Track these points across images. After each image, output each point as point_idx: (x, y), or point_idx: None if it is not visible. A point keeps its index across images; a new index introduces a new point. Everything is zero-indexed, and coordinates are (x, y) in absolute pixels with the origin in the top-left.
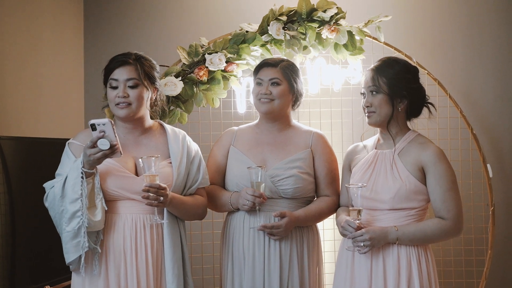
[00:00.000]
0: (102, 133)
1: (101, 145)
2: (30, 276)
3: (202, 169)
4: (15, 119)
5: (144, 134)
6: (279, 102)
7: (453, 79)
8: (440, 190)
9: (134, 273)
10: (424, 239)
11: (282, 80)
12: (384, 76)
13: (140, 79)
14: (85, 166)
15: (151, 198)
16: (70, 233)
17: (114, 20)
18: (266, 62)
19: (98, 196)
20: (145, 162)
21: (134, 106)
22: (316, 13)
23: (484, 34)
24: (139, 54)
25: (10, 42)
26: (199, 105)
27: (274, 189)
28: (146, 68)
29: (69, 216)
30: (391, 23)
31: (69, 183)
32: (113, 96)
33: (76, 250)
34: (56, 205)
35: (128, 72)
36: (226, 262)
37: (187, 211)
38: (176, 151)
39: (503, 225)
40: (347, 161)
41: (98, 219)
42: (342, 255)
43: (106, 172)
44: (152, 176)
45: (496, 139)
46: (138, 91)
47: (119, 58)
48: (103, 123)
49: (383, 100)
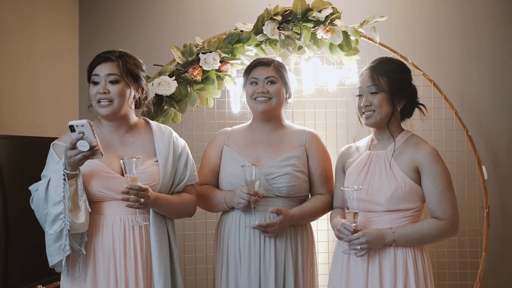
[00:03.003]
0: (81, 135)
1: (81, 147)
2: (22, 276)
3: (189, 166)
4: (10, 118)
5: (129, 132)
6: (276, 100)
7: (449, 80)
8: (435, 191)
9: (123, 274)
10: (420, 240)
11: (277, 78)
12: (384, 75)
13: (122, 76)
14: (67, 168)
15: (131, 200)
16: (52, 235)
17: (109, 19)
18: (260, 61)
19: (82, 197)
20: (126, 163)
21: (116, 103)
22: (311, 13)
23: (480, 35)
24: (123, 52)
25: (5, 41)
26: (193, 105)
27: (269, 188)
28: (129, 66)
29: (52, 219)
30: (387, 24)
31: (52, 185)
32: (94, 93)
33: (59, 253)
34: (40, 208)
35: (109, 68)
36: (220, 262)
37: (173, 210)
38: (162, 149)
39: (498, 227)
40: (340, 163)
41: (81, 221)
42: (338, 257)
43: (91, 173)
44: (132, 178)
45: (491, 141)
46: (119, 87)
47: (102, 55)
48: (81, 124)
49: (384, 99)
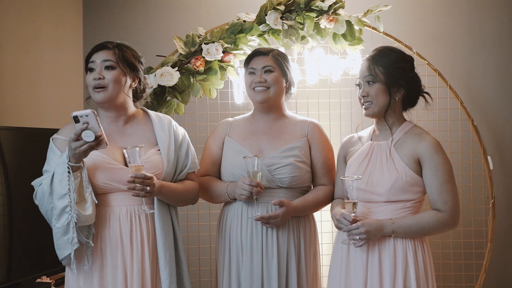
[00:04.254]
0: (86, 125)
1: (86, 137)
2: (26, 267)
3: (190, 153)
4: (14, 109)
5: (128, 123)
6: (274, 90)
7: (454, 70)
8: (436, 182)
9: (129, 265)
10: (420, 231)
11: (275, 67)
12: (381, 65)
13: (117, 63)
14: (71, 160)
15: (137, 189)
16: (60, 229)
17: (113, 10)
18: (258, 51)
19: (87, 189)
20: (129, 153)
21: (110, 89)
22: (315, 3)
23: (485, 24)
24: (121, 43)
25: (10, 34)
26: (196, 96)
27: (271, 178)
28: (125, 54)
29: (58, 212)
30: (391, 13)
31: (56, 179)
32: (90, 80)
33: (67, 246)
34: (45, 202)
35: (105, 54)
36: (223, 253)
37: (177, 197)
38: (163, 138)
39: (503, 218)
40: (342, 153)
41: (88, 213)
42: (337, 248)
43: (95, 165)
44: (137, 166)
45: (497, 131)
46: (114, 73)
47: (99, 44)
48: (85, 114)
49: (380, 89)
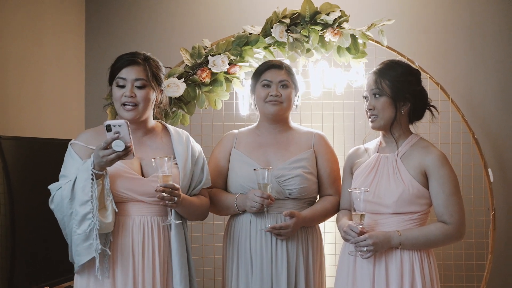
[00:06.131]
0: (117, 134)
1: (116, 147)
2: (29, 277)
3: (205, 169)
4: (16, 119)
5: (147, 135)
6: (287, 104)
7: (455, 83)
8: (443, 195)
9: (141, 275)
10: (426, 243)
11: (290, 82)
12: (387, 78)
13: (148, 80)
14: (96, 168)
15: (166, 199)
16: (81, 235)
17: (116, 21)
18: (273, 64)
19: (108, 198)
20: (158, 162)
21: (141, 107)
22: (320, 16)
23: (487, 38)
24: (147, 55)
25: (12, 42)
26: (201, 107)
27: (280, 190)
28: (154, 69)
29: (80, 218)
30: (394, 27)
31: (79, 185)
32: (120, 95)
33: (88, 252)
34: (64, 207)
35: (136, 72)
36: (231, 264)
37: (195, 211)
38: (181, 152)
39: (504, 229)
40: (348, 165)
41: (109, 220)
42: (344, 260)
43: (114, 174)
44: (165, 176)
45: (497, 144)
46: (145, 92)
47: (128, 57)
48: (119, 124)
49: (386, 103)
